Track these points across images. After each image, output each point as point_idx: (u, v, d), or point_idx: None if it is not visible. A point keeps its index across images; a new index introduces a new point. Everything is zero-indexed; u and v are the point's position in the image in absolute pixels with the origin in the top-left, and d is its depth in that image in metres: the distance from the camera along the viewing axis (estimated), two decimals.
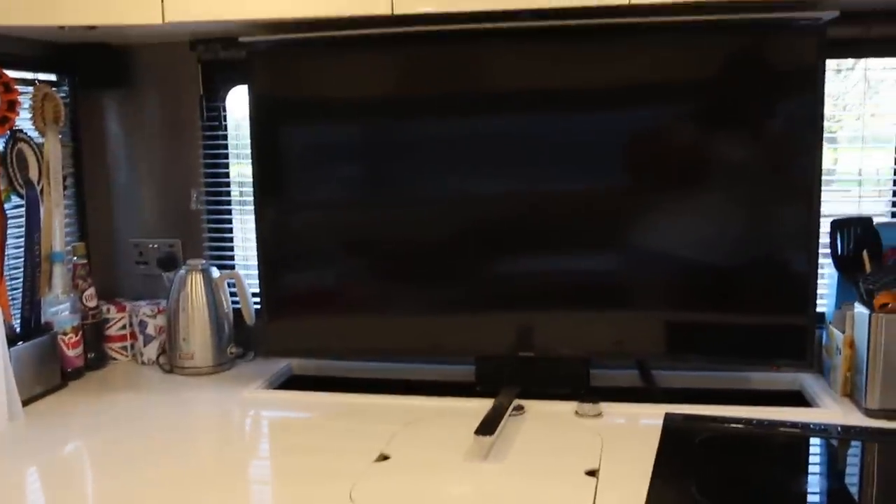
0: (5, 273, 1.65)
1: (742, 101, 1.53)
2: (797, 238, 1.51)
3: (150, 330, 1.87)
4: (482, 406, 1.46)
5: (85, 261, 1.83)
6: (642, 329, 1.61)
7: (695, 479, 1.23)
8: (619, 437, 1.40)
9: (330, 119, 1.69)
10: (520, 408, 1.51)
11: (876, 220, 1.57)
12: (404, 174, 1.67)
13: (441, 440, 1.40)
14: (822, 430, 1.40)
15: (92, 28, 1.62)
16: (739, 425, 1.43)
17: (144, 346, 1.88)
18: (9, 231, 1.68)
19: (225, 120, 1.95)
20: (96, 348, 1.85)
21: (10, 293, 1.69)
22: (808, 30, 1.44)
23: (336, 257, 1.72)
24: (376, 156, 1.67)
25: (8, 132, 1.67)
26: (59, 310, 1.74)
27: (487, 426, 1.33)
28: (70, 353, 1.75)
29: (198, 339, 1.80)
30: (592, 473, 1.24)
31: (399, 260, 1.68)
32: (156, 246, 1.98)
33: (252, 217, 1.74)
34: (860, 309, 1.47)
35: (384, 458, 1.32)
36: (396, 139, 1.66)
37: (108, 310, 1.88)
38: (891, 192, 1.70)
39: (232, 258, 2.00)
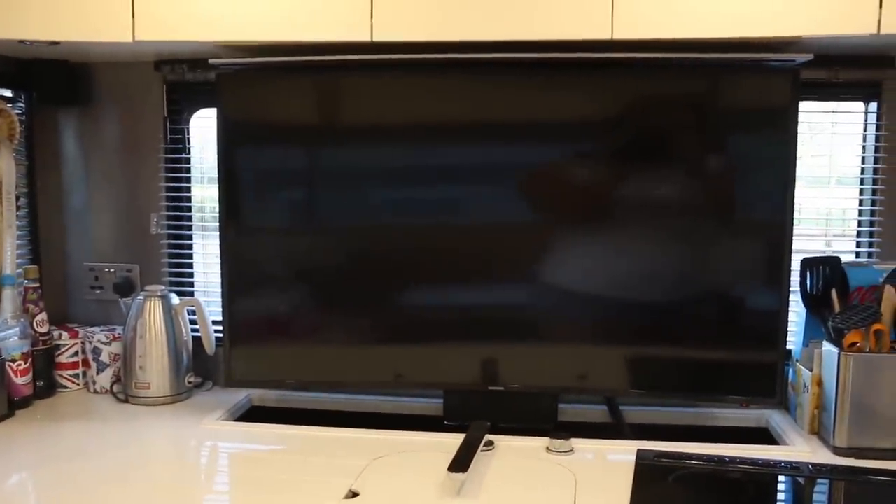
0: None
1: (714, 141, 1.56)
2: (768, 276, 1.53)
3: (105, 357, 1.80)
4: (451, 441, 1.43)
5: (37, 284, 1.76)
6: (607, 364, 1.60)
7: None
8: (591, 473, 1.38)
9: (299, 144, 1.66)
10: (490, 443, 1.49)
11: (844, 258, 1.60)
12: (371, 202, 1.64)
13: (412, 476, 1.36)
14: (795, 469, 1.40)
15: (55, 44, 1.57)
16: (713, 463, 1.42)
17: (98, 374, 1.80)
18: None
19: (189, 143, 1.91)
20: (46, 376, 1.77)
21: None
22: (781, 71, 1.47)
23: (299, 286, 1.68)
24: (345, 183, 1.64)
25: None
26: (8, 335, 1.66)
27: (460, 463, 1.30)
28: (18, 380, 1.66)
29: (155, 367, 1.74)
30: None
31: (362, 290, 1.65)
32: (112, 271, 1.91)
33: (213, 242, 1.69)
34: (829, 347, 1.49)
35: (354, 494, 1.28)
36: (365, 166, 1.64)
37: (60, 336, 1.81)
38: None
39: (192, 284, 1.94)
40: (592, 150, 1.59)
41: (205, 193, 1.94)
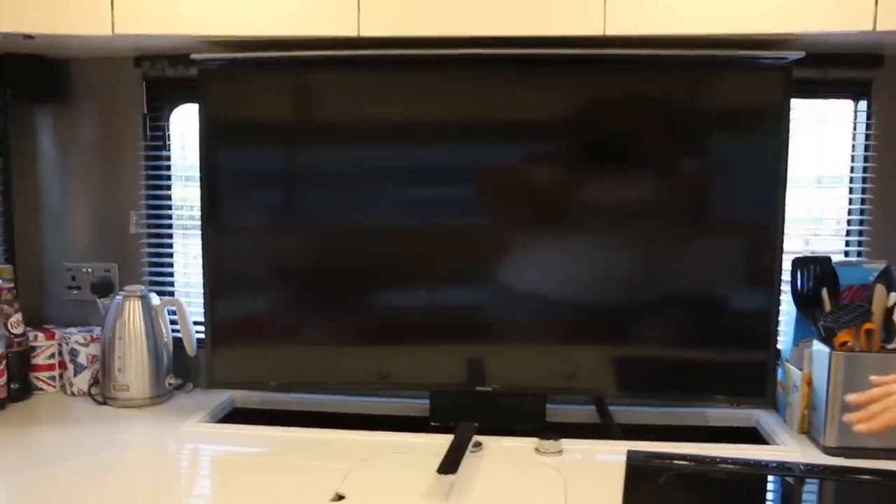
0: None
1: (704, 139, 1.54)
2: (758, 275, 1.52)
3: (82, 359, 1.75)
4: (438, 442, 1.40)
5: (11, 284, 1.71)
6: (595, 365, 1.59)
7: None
8: (581, 474, 1.36)
9: (284, 143, 1.63)
10: (478, 444, 1.46)
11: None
12: (355, 201, 1.61)
13: (399, 478, 1.34)
14: (785, 469, 1.39)
15: (29, 37, 1.53)
16: (703, 463, 1.40)
17: (75, 376, 1.76)
18: None
19: (169, 140, 1.87)
20: (21, 378, 1.72)
21: None
22: (773, 68, 1.46)
23: (282, 286, 1.65)
24: (328, 182, 1.61)
25: None
26: None
27: (449, 464, 1.28)
28: None
29: (134, 369, 1.70)
30: None
31: (346, 290, 1.62)
32: (90, 270, 1.87)
33: (194, 242, 1.65)
34: (819, 347, 1.48)
35: (340, 497, 1.25)
36: (350, 166, 1.61)
37: (36, 337, 1.76)
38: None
39: (172, 284, 1.90)
40: (581, 150, 1.56)
41: (185, 192, 1.90)
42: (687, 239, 1.55)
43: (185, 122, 1.87)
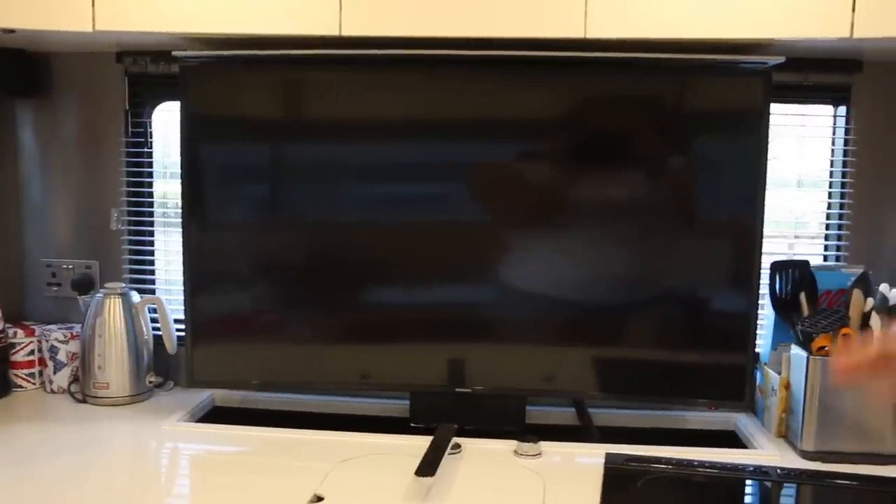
0: None
1: (684, 142, 1.55)
2: (737, 279, 1.52)
3: (62, 356, 1.74)
4: (417, 443, 1.40)
5: None
6: (575, 366, 1.59)
7: None
8: (560, 477, 1.37)
9: (264, 139, 1.62)
10: (457, 446, 1.46)
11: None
12: (338, 198, 1.61)
13: (378, 480, 1.34)
14: (763, 473, 1.40)
15: (10, 31, 1.51)
16: (682, 467, 1.41)
17: (54, 373, 1.75)
18: None
19: (151, 136, 1.86)
20: (0, 375, 1.71)
21: None
22: (753, 73, 1.47)
23: (263, 283, 1.64)
24: (309, 179, 1.61)
25: None
26: None
27: (428, 466, 1.28)
28: None
29: (114, 367, 1.69)
30: None
31: (327, 288, 1.62)
32: (70, 267, 1.86)
33: (175, 239, 1.64)
34: (797, 351, 1.49)
35: (318, 499, 1.25)
36: (334, 162, 1.60)
37: (15, 333, 1.75)
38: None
39: (153, 282, 1.90)
40: (561, 151, 1.57)
41: (167, 188, 1.89)
42: (666, 241, 1.55)
43: (167, 119, 1.85)
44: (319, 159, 1.60)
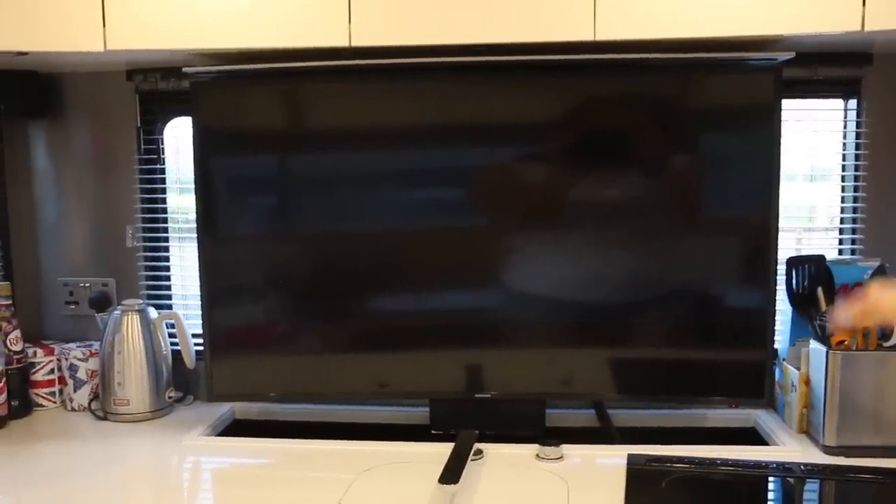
0: None
1: (696, 140, 1.55)
2: (753, 275, 1.52)
3: (82, 374, 1.75)
4: (439, 451, 1.41)
5: (9, 301, 1.71)
6: (592, 368, 1.59)
7: None
8: (582, 480, 1.37)
9: (277, 152, 1.63)
10: (478, 452, 1.46)
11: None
12: (349, 207, 1.61)
13: (401, 489, 1.34)
14: (786, 469, 1.40)
15: (22, 54, 1.53)
16: (704, 465, 1.41)
17: (75, 391, 1.76)
18: None
19: (163, 153, 1.87)
20: (21, 395, 1.72)
21: None
22: (763, 70, 1.47)
23: (278, 295, 1.65)
24: (322, 190, 1.61)
25: None
26: None
27: (451, 474, 1.28)
28: None
29: (134, 383, 1.70)
30: None
31: (342, 298, 1.62)
32: (87, 285, 1.87)
33: (190, 254, 1.65)
34: (816, 346, 1.48)
35: None
36: (345, 173, 1.61)
37: (35, 353, 1.76)
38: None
39: (169, 297, 1.90)
40: (570, 153, 1.57)
41: (181, 201, 1.90)
42: (683, 239, 1.55)
43: (179, 134, 1.87)
44: (330, 168, 1.61)
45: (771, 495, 1.40)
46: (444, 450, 1.40)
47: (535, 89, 1.54)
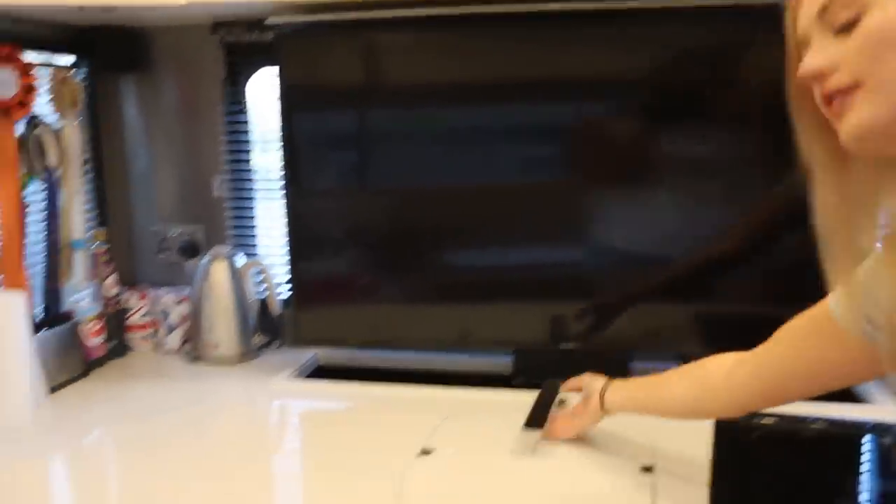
0: (25, 260, 1.59)
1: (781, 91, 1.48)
2: None
3: (174, 318, 1.82)
4: (521, 399, 1.41)
5: (105, 248, 1.78)
6: (680, 322, 1.56)
7: (754, 477, 1.18)
8: (668, 433, 1.34)
9: (362, 104, 1.64)
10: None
11: None
12: (434, 161, 1.61)
13: (485, 434, 1.35)
14: (884, 430, 1.35)
15: (110, 9, 1.56)
16: (796, 422, 1.37)
17: (167, 334, 1.82)
18: (28, 218, 1.62)
19: (248, 105, 1.89)
20: (118, 337, 1.80)
21: (30, 281, 1.63)
22: None
23: (365, 245, 1.67)
24: (407, 143, 1.61)
25: (26, 117, 1.60)
26: (80, 297, 1.69)
27: (536, 419, 1.28)
28: (92, 341, 1.69)
29: (222, 327, 1.75)
30: (648, 469, 1.19)
31: (424, 250, 1.64)
32: (177, 233, 1.92)
33: (276, 205, 1.68)
34: None
35: (426, 452, 1.27)
36: (428, 125, 1.61)
37: (130, 298, 1.83)
38: None
39: (254, 246, 1.94)
40: (652, 106, 1.53)
41: (266, 156, 1.93)
42: (772, 193, 1.50)
43: (261, 87, 1.89)
44: (410, 123, 1.61)
45: (866, 456, 1.36)
46: (526, 398, 1.40)
47: (622, 38, 1.49)
